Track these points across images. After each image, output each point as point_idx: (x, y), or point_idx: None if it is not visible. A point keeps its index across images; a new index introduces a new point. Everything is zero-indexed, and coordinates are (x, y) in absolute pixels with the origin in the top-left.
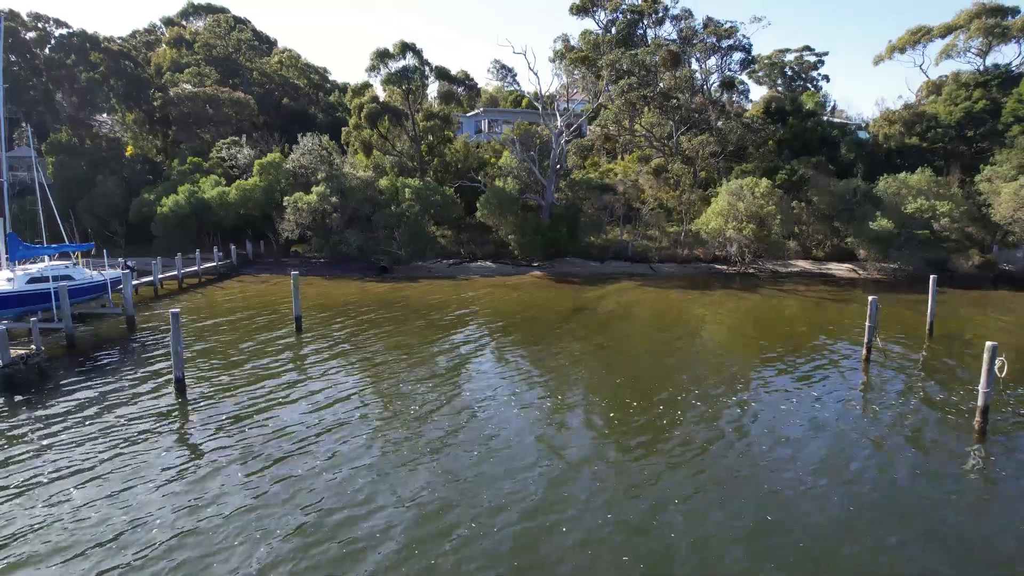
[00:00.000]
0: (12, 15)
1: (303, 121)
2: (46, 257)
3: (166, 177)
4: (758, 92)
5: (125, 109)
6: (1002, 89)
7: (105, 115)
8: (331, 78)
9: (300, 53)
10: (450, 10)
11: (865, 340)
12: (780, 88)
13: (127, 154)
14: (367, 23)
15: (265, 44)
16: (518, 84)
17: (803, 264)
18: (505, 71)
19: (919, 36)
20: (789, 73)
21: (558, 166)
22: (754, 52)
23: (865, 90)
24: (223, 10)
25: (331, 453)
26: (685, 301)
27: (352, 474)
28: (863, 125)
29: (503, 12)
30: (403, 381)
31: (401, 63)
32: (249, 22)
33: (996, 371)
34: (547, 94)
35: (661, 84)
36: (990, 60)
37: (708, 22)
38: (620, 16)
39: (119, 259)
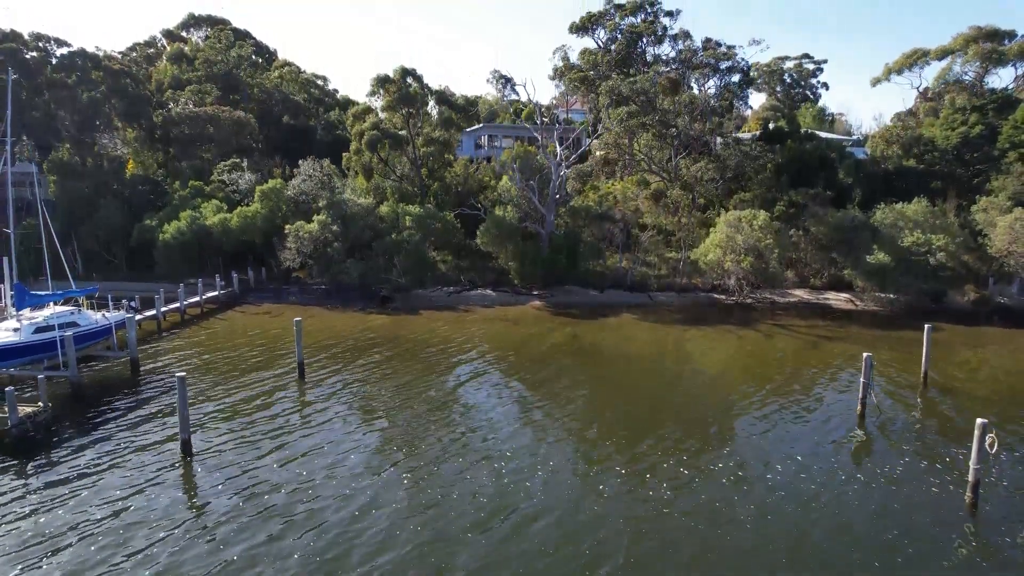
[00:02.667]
0: (14, 35)
1: (304, 139)
2: (51, 303)
3: (167, 203)
4: (756, 100)
5: (126, 126)
6: (999, 114)
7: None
8: (331, 87)
9: (301, 65)
10: (450, 10)
11: (860, 396)
12: (779, 93)
13: (128, 169)
14: (367, 23)
15: (265, 54)
16: (517, 94)
17: (801, 294)
18: (505, 81)
19: (915, 58)
20: (788, 80)
21: (557, 196)
22: (753, 60)
23: (864, 93)
24: (224, 21)
25: (339, 521)
26: (682, 341)
27: (352, 541)
28: (861, 140)
29: (503, 12)
30: (407, 437)
31: (398, 79)
32: (250, 34)
33: (987, 447)
34: (546, 109)
35: (661, 106)
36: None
37: (707, 43)
38: (619, 36)
39: (123, 300)
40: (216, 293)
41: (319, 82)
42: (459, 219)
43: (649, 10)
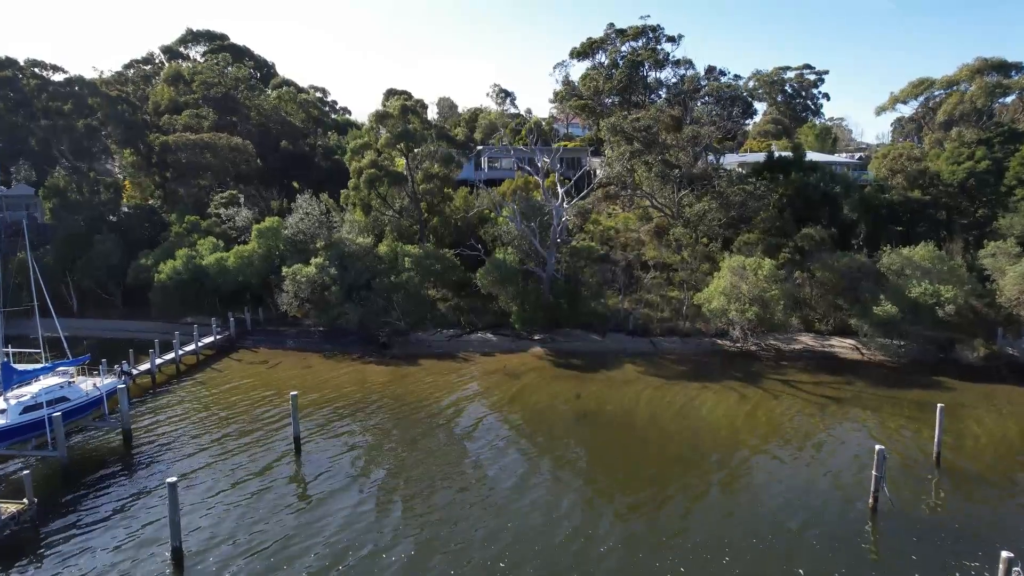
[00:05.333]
0: (9, 62)
1: (302, 164)
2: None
3: (164, 237)
4: (757, 108)
5: (123, 150)
6: (1005, 147)
7: (103, 155)
8: (330, 99)
9: (300, 76)
10: (450, 11)
11: (871, 490)
12: (780, 104)
13: (126, 189)
14: (366, 23)
15: (264, 69)
16: (517, 107)
17: (806, 340)
18: (505, 95)
19: (921, 89)
20: (789, 91)
21: (559, 240)
22: (753, 69)
23: (864, 98)
24: (222, 36)
25: None
26: (686, 405)
27: None
28: (863, 160)
29: (505, 14)
30: (405, 529)
31: (397, 115)
32: (248, 50)
33: None
34: (545, 122)
35: (663, 140)
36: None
37: (710, 71)
38: (620, 62)
39: (116, 366)
40: (212, 339)
41: (318, 94)
42: (459, 257)
43: (651, 35)
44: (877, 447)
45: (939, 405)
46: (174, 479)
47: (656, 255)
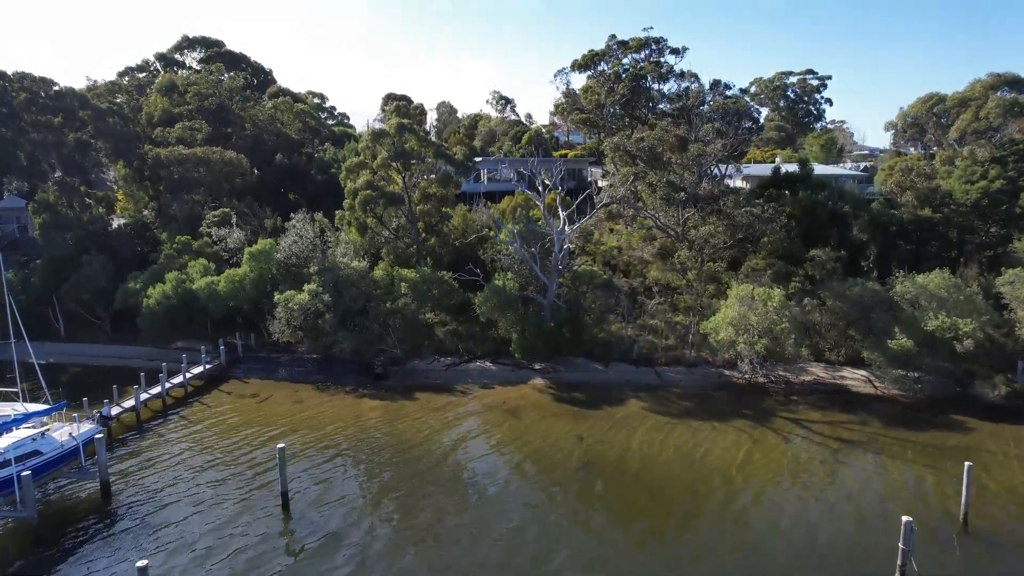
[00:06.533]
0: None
1: (298, 177)
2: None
3: (155, 259)
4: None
5: (114, 164)
6: (1019, 165)
7: (95, 168)
8: (328, 104)
9: (298, 84)
10: (451, 12)
11: (898, 563)
12: (783, 109)
13: (119, 199)
14: (366, 24)
15: (261, 75)
16: (517, 114)
17: (816, 370)
18: (505, 102)
19: (930, 104)
20: (791, 96)
21: (560, 267)
22: (755, 75)
23: (866, 101)
24: (218, 43)
25: None
26: (692, 449)
27: None
28: (869, 172)
29: (507, 18)
30: None
31: (394, 134)
32: (245, 57)
33: None
34: (547, 126)
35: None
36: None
37: (715, 85)
38: (623, 75)
39: (95, 412)
40: (202, 368)
41: (316, 100)
42: (457, 280)
43: (654, 47)
44: (904, 519)
45: (967, 464)
46: (144, 563)
47: (660, 277)
